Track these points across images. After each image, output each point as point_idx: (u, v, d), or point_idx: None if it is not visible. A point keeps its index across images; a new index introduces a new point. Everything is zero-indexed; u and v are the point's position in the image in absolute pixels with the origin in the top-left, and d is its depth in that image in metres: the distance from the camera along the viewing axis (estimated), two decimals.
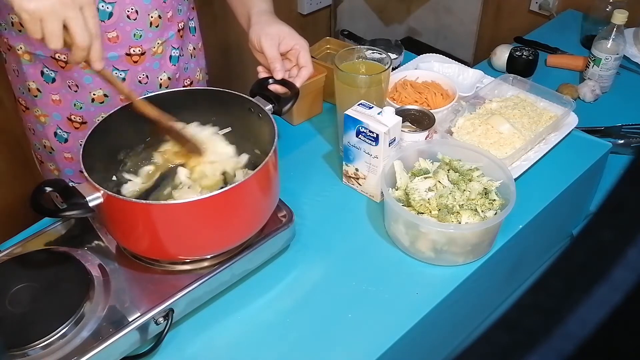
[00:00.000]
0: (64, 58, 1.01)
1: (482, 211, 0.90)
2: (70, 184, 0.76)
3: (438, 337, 0.97)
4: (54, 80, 1.04)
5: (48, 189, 0.74)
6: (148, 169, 0.93)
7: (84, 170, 0.75)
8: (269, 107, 0.90)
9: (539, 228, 1.05)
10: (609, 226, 0.25)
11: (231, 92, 0.91)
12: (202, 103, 0.94)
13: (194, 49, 1.20)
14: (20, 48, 1.01)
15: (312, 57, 1.24)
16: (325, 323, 0.83)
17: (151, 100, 0.91)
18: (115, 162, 0.92)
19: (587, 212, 1.27)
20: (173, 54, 1.11)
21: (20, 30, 1.00)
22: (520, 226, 0.98)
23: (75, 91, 1.05)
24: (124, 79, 1.05)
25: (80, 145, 0.80)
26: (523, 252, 1.09)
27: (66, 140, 1.11)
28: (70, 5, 0.70)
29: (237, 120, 0.96)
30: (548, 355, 0.23)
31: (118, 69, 1.04)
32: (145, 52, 1.05)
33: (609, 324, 0.23)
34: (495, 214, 0.90)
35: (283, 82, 0.98)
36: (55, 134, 1.10)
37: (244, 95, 0.91)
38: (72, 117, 1.08)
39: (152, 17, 1.03)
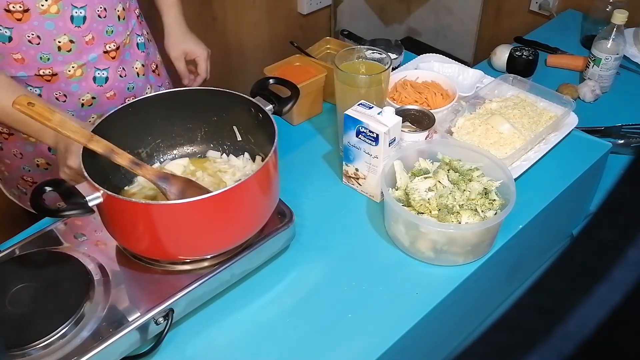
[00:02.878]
0: (49, 72, 1.01)
1: (482, 211, 0.90)
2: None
3: (438, 337, 0.97)
4: (39, 96, 1.03)
5: (48, 188, 0.74)
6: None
7: (83, 170, 0.75)
8: (269, 108, 0.90)
9: (539, 228, 1.04)
10: (609, 226, 0.25)
11: (231, 92, 0.91)
12: (202, 103, 0.94)
13: (148, 33, 1.23)
14: None
15: (312, 57, 1.26)
16: (325, 323, 0.83)
17: (152, 101, 0.92)
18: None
19: (587, 212, 1.27)
20: (139, 41, 1.16)
21: None
22: (520, 226, 0.98)
23: (64, 101, 1.06)
24: (107, 78, 1.08)
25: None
26: (523, 252, 1.09)
27: None
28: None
29: (237, 121, 0.96)
30: (548, 355, 0.23)
31: (100, 69, 1.07)
32: (119, 47, 1.08)
33: (609, 324, 0.23)
34: (495, 214, 0.90)
35: (283, 83, 0.98)
36: (50, 148, 1.09)
37: (244, 95, 0.91)
38: None
39: (118, 11, 1.06)
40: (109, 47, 1.06)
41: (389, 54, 1.06)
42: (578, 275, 0.24)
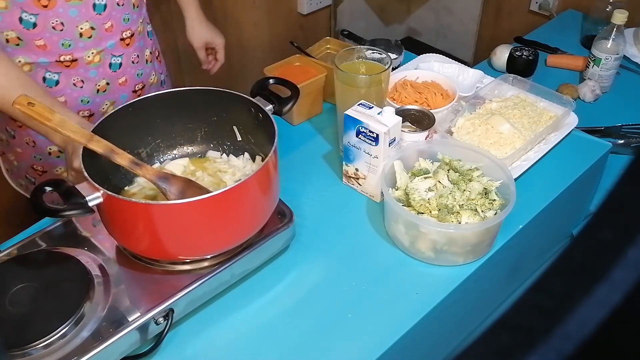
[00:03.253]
0: (69, 58, 1.04)
1: (482, 211, 0.90)
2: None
3: (438, 337, 0.97)
4: (57, 82, 1.06)
5: (48, 188, 0.74)
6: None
7: (83, 170, 0.75)
8: (269, 107, 0.90)
9: (539, 228, 1.04)
10: (609, 226, 0.25)
11: (231, 92, 0.91)
12: (202, 103, 0.94)
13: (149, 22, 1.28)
14: (19, 62, 1.02)
15: (312, 57, 1.26)
16: (325, 323, 0.83)
17: (152, 101, 0.92)
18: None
19: (587, 212, 1.27)
20: (149, 29, 1.21)
21: (17, 44, 1.00)
22: (520, 226, 0.98)
23: (81, 87, 1.09)
24: (120, 64, 1.11)
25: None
26: (523, 252, 1.09)
27: None
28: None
29: (237, 121, 0.96)
30: (548, 355, 0.23)
31: (115, 55, 1.10)
32: (133, 34, 1.12)
33: (609, 324, 0.23)
34: (495, 214, 0.90)
35: (283, 83, 0.98)
36: None
37: (244, 95, 0.91)
38: (80, 113, 1.10)
39: None
40: (125, 35, 1.11)
41: (389, 54, 1.06)
42: (578, 275, 0.24)
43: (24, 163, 1.18)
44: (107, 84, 1.11)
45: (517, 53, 1.37)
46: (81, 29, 1.02)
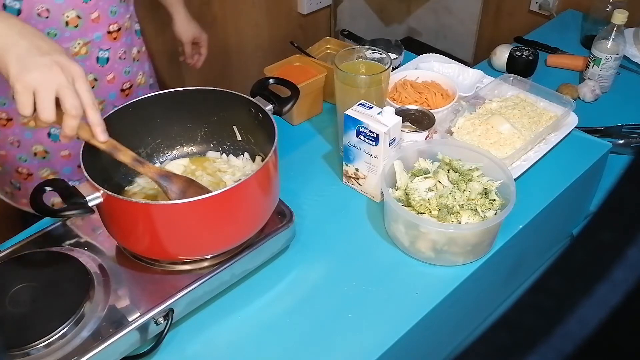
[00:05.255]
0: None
1: (482, 211, 0.90)
2: (70, 183, 0.76)
3: (438, 337, 0.97)
4: None
5: (48, 189, 0.74)
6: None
7: (84, 170, 0.75)
8: (269, 107, 0.90)
9: (539, 228, 1.04)
10: (609, 226, 0.25)
11: (231, 92, 0.91)
12: (202, 103, 0.94)
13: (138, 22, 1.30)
14: None
15: (312, 57, 1.26)
16: (325, 323, 0.83)
17: (152, 100, 0.92)
18: (116, 162, 0.91)
19: (587, 212, 1.27)
20: (137, 28, 1.21)
21: None
22: (520, 226, 0.98)
23: None
24: (108, 59, 1.09)
25: (77, 139, 0.77)
26: (523, 252, 1.09)
27: None
28: (62, 75, 0.70)
29: (237, 121, 0.96)
30: (548, 355, 0.23)
31: (103, 49, 1.09)
32: (120, 28, 1.10)
33: (609, 324, 0.23)
34: (495, 214, 0.90)
35: (283, 83, 0.98)
36: (49, 134, 1.09)
37: (244, 95, 0.91)
38: None
39: None
40: (112, 28, 1.08)
41: (389, 54, 1.06)
42: (578, 275, 0.24)
43: (8, 166, 1.15)
44: (95, 79, 1.09)
45: (517, 53, 1.37)
46: (67, 16, 0.99)
